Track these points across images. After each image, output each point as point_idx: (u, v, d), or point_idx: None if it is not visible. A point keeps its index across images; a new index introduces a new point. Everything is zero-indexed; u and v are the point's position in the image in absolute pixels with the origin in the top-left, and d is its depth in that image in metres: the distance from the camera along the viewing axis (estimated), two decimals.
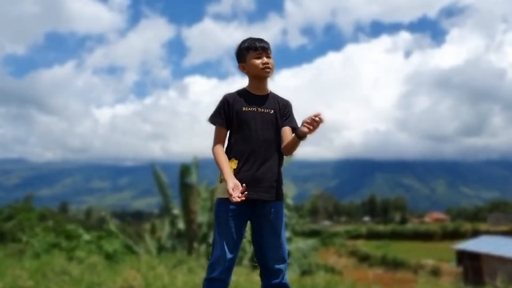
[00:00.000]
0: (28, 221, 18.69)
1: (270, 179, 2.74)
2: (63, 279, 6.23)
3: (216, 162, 2.79)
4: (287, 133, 2.84)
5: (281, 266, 2.74)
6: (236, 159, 2.74)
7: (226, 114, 2.82)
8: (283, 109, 2.88)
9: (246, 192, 2.53)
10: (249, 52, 2.83)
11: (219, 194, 2.77)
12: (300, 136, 2.65)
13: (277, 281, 2.74)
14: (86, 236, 12.84)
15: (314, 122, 2.55)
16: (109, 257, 10.29)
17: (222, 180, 2.72)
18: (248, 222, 2.80)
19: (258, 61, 2.80)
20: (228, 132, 2.84)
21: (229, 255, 2.66)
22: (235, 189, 2.54)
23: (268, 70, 2.81)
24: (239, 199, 2.51)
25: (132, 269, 6.71)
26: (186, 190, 14.51)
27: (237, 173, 2.71)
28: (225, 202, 2.69)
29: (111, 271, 6.91)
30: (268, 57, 2.83)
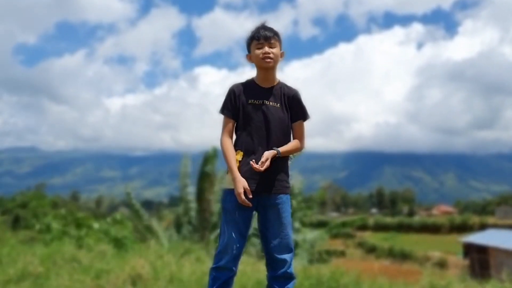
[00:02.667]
0: (42, 209, 18.97)
1: (275, 171, 2.76)
2: (73, 266, 6.36)
3: (223, 154, 2.84)
4: (297, 129, 2.87)
5: (286, 256, 2.78)
6: (241, 151, 2.79)
7: (233, 106, 2.84)
8: (291, 101, 2.86)
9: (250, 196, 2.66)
10: (253, 42, 2.82)
11: (226, 185, 2.82)
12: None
13: (282, 271, 2.78)
14: (96, 225, 13.00)
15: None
16: (118, 245, 10.44)
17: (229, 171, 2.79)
18: (255, 213, 2.85)
19: (258, 51, 2.78)
20: (236, 123, 2.86)
21: (235, 244, 2.72)
22: (242, 194, 2.65)
23: (268, 60, 2.77)
24: (245, 204, 2.65)
25: (141, 257, 6.80)
26: (204, 178, 14.57)
27: (242, 164, 2.75)
28: (232, 192, 2.74)
29: (119, 259, 7.02)
30: (271, 46, 2.78)
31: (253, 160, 2.69)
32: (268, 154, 2.69)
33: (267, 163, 2.67)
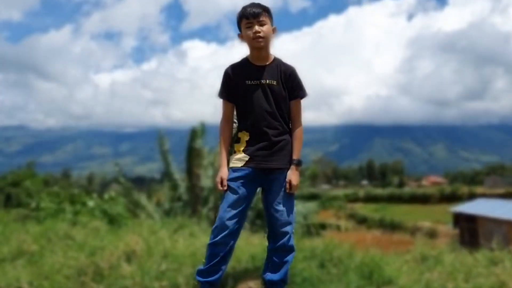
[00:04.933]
0: (34, 187, 18.94)
1: (280, 147, 2.78)
2: (67, 243, 6.37)
3: (220, 140, 2.90)
4: (294, 107, 2.86)
5: (287, 228, 2.82)
6: (246, 132, 2.80)
7: (230, 89, 2.82)
8: (287, 79, 2.82)
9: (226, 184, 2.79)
10: (242, 21, 2.76)
11: (232, 164, 2.83)
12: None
13: (282, 242, 2.81)
14: (90, 203, 12.99)
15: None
16: (112, 221, 10.47)
17: (235, 152, 2.84)
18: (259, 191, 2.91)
19: (249, 31, 2.72)
20: (237, 105, 2.86)
21: (233, 219, 2.73)
22: (219, 183, 2.79)
23: (259, 40, 2.72)
24: (220, 190, 2.80)
25: (134, 233, 6.83)
26: (192, 154, 14.60)
27: (248, 144, 2.79)
28: (237, 170, 2.78)
29: (113, 236, 7.04)
30: (261, 24, 2.71)
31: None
32: (290, 176, 2.81)
33: (294, 183, 2.81)
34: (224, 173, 2.80)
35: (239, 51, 2.90)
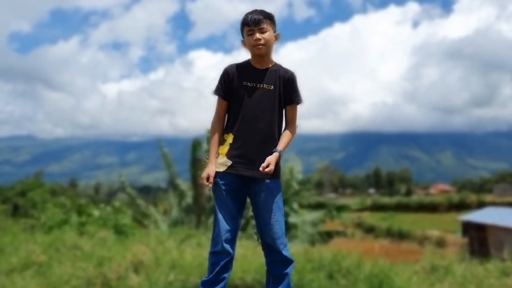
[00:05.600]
0: (41, 197, 19.01)
1: (263, 156, 2.71)
2: (75, 253, 6.38)
3: (209, 137, 2.87)
4: (290, 112, 2.82)
5: (278, 241, 2.76)
6: (232, 134, 2.76)
7: (226, 87, 2.80)
8: (285, 84, 2.79)
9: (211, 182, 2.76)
10: (244, 28, 2.75)
11: (216, 168, 2.79)
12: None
13: (276, 255, 2.78)
14: (96, 212, 13.02)
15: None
16: (119, 231, 10.47)
17: (220, 154, 2.79)
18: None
19: (250, 39, 2.72)
20: (229, 104, 2.83)
21: (227, 228, 2.72)
22: (205, 179, 2.76)
23: (260, 47, 2.71)
24: (206, 187, 2.77)
25: (142, 243, 6.83)
26: (195, 164, 14.63)
27: (231, 148, 2.75)
28: (222, 176, 2.75)
29: (121, 246, 7.05)
30: (262, 31, 2.70)
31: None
32: (271, 159, 2.68)
33: (271, 167, 2.67)
34: (211, 170, 2.76)
35: (245, 59, 2.88)
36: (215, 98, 2.87)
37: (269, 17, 2.74)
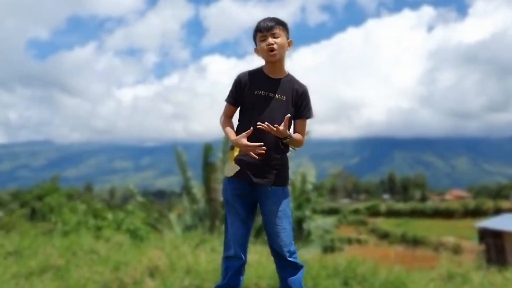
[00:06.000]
0: (57, 201, 19.32)
1: (271, 163, 2.73)
2: (92, 257, 6.46)
3: (223, 130, 2.86)
4: (299, 126, 2.82)
5: (284, 249, 2.75)
6: None
7: (237, 94, 2.81)
8: (298, 98, 2.79)
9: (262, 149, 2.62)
10: (257, 34, 2.75)
11: (225, 173, 2.82)
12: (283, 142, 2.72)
13: (286, 261, 2.76)
14: (110, 216, 13.18)
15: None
16: (134, 235, 10.58)
17: (230, 159, 2.80)
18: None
19: (263, 44, 2.72)
20: (239, 113, 2.85)
21: (238, 233, 2.74)
22: (249, 148, 2.63)
23: (272, 53, 2.70)
24: (255, 156, 2.63)
25: (157, 248, 6.89)
26: (208, 168, 14.71)
27: (241, 154, 2.74)
28: (231, 181, 2.77)
29: (136, 250, 7.11)
30: (274, 36, 2.70)
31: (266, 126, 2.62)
32: (284, 128, 2.63)
33: (283, 128, 2.61)
34: (241, 139, 2.67)
35: (259, 65, 2.88)
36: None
37: (281, 23, 2.75)
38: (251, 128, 2.67)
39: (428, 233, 46.64)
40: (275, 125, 2.60)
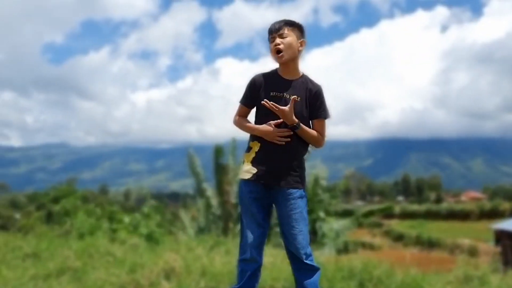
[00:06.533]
0: (73, 204, 19.59)
1: (288, 166, 2.74)
2: (108, 260, 6.53)
3: (243, 128, 2.88)
4: (316, 126, 2.83)
5: (302, 251, 2.76)
6: (259, 142, 2.78)
7: (252, 96, 2.83)
8: (312, 98, 2.79)
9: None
10: (269, 36, 2.79)
11: (241, 175, 2.84)
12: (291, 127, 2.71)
13: (303, 263, 2.78)
14: (126, 219, 13.31)
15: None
16: (149, 238, 10.67)
17: (246, 161, 2.81)
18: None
19: (271, 45, 2.75)
20: (255, 115, 2.86)
21: (254, 235, 2.74)
22: (275, 130, 2.69)
23: (280, 55, 2.72)
24: (281, 139, 2.68)
25: (172, 251, 6.93)
26: (220, 171, 14.77)
27: (257, 156, 2.76)
28: (246, 183, 2.78)
29: (152, 253, 7.17)
30: (282, 36, 2.72)
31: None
32: (287, 108, 2.67)
33: (286, 108, 2.66)
34: (268, 124, 2.72)
35: (271, 67, 2.90)
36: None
37: (290, 23, 2.77)
38: (281, 120, 2.69)
39: (444, 235, 46.12)
40: (278, 106, 2.65)
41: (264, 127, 2.73)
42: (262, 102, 2.69)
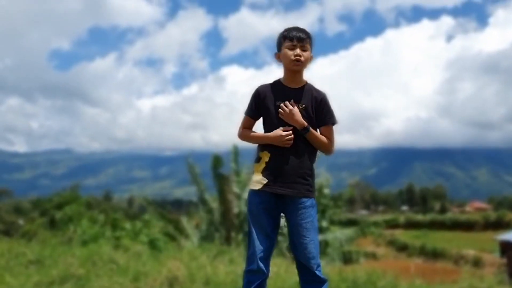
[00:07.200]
0: (76, 211, 19.62)
1: (299, 175, 2.74)
2: (111, 267, 6.51)
3: (250, 139, 2.89)
4: (324, 133, 2.83)
5: (312, 261, 2.76)
6: (268, 152, 2.77)
7: (257, 107, 2.84)
8: (318, 105, 2.80)
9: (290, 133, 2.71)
10: (285, 41, 2.77)
11: (251, 186, 2.83)
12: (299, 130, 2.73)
13: (310, 275, 2.78)
14: (128, 225, 13.31)
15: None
16: (152, 245, 10.66)
17: (256, 172, 2.81)
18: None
19: (290, 52, 2.74)
20: (263, 126, 2.86)
21: (262, 246, 2.73)
22: (283, 134, 2.71)
23: (298, 64, 2.74)
24: (290, 140, 2.71)
25: (175, 259, 6.91)
26: (220, 180, 14.77)
27: (267, 166, 2.76)
28: (257, 194, 2.77)
29: (155, 261, 7.15)
30: (304, 49, 2.74)
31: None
32: (296, 110, 2.73)
33: (296, 109, 2.72)
34: (277, 130, 2.75)
35: (276, 75, 2.91)
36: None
37: (310, 37, 2.80)
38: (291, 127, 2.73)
39: (448, 245, 45.84)
40: (287, 105, 2.71)
41: (273, 133, 2.74)
42: (277, 103, 2.75)
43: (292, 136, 2.72)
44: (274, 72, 2.95)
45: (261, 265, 2.73)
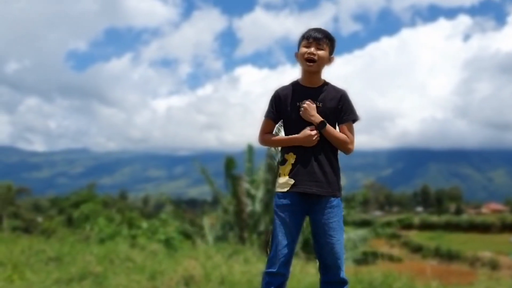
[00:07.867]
0: (93, 210, 19.86)
1: (325, 174, 2.74)
2: (128, 265, 6.62)
3: (274, 144, 2.93)
4: (345, 130, 2.81)
5: (337, 262, 2.76)
6: (294, 154, 2.78)
7: (277, 110, 2.84)
8: (339, 102, 2.79)
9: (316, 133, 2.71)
10: (303, 41, 2.79)
11: (278, 188, 2.83)
12: (317, 127, 2.73)
13: (333, 276, 2.78)
14: (144, 224, 13.45)
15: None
16: (168, 244, 10.76)
17: (282, 174, 2.81)
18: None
19: (304, 50, 2.74)
20: (284, 128, 2.88)
21: (286, 249, 2.72)
22: (312, 133, 2.71)
23: (310, 64, 2.73)
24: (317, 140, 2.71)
25: (191, 258, 6.99)
26: (232, 181, 14.86)
27: (293, 167, 2.76)
28: (283, 196, 2.77)
29: (171, 260, 7.24)
30: (319, 48, 2.73)
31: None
32: (314, 111, 2.74)
33: (313, 106, 2.74)
34: (305, 131, 2.74)
35: (290, 75, 2.95)
36: (260, 113, 2.93)
37: (329, 38, 2.78)
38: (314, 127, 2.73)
39: (464, 247, 45.29)
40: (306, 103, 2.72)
41: (301, 134, 2.74)
42: (298, 104, 2.76)
43: (319, 134, 2.73)
44: (288, 72, 2.83)
45: (282, 268, 2.73)
